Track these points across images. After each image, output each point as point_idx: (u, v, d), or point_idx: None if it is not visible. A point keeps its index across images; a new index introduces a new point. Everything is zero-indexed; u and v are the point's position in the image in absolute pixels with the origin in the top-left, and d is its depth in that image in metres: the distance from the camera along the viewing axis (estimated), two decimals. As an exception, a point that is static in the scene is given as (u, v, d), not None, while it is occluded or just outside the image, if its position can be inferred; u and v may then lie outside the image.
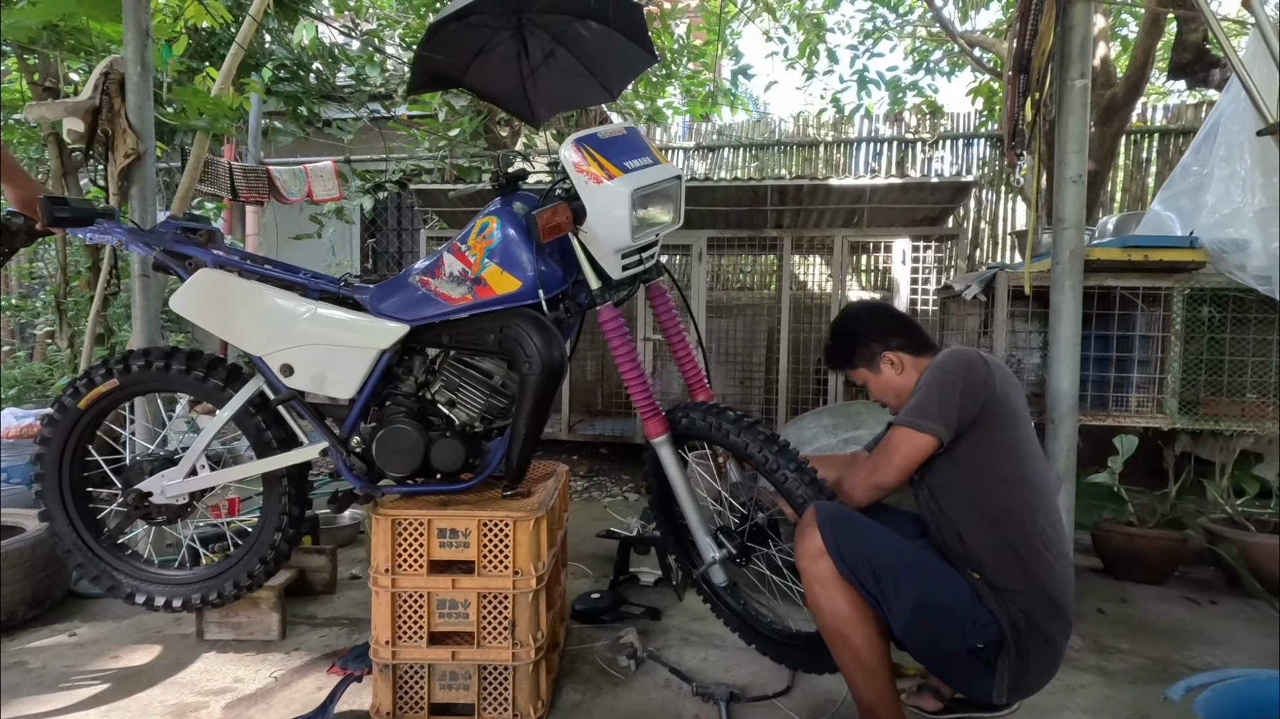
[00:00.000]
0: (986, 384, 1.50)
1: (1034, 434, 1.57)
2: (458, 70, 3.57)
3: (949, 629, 1.45)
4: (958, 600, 1.45)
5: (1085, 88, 2.08)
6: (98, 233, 1.81)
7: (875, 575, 1.43)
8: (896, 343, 1.69)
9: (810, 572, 1.49)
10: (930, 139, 5.71)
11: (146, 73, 2.57)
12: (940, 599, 1.45)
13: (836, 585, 1.46)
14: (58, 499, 1.96)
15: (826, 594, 1.47)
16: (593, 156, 1.65)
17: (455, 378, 1.84)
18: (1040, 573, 1.47)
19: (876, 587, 1.43)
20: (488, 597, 1.64)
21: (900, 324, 1.72)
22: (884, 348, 1.69)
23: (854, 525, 1.50)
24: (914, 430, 1.50)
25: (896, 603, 1.43)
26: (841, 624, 1.47)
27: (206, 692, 1.83)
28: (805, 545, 1.50)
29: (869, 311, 1.79)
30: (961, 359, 1.53)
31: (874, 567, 1.44)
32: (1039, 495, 1.52)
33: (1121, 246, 2.22)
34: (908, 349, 1.68)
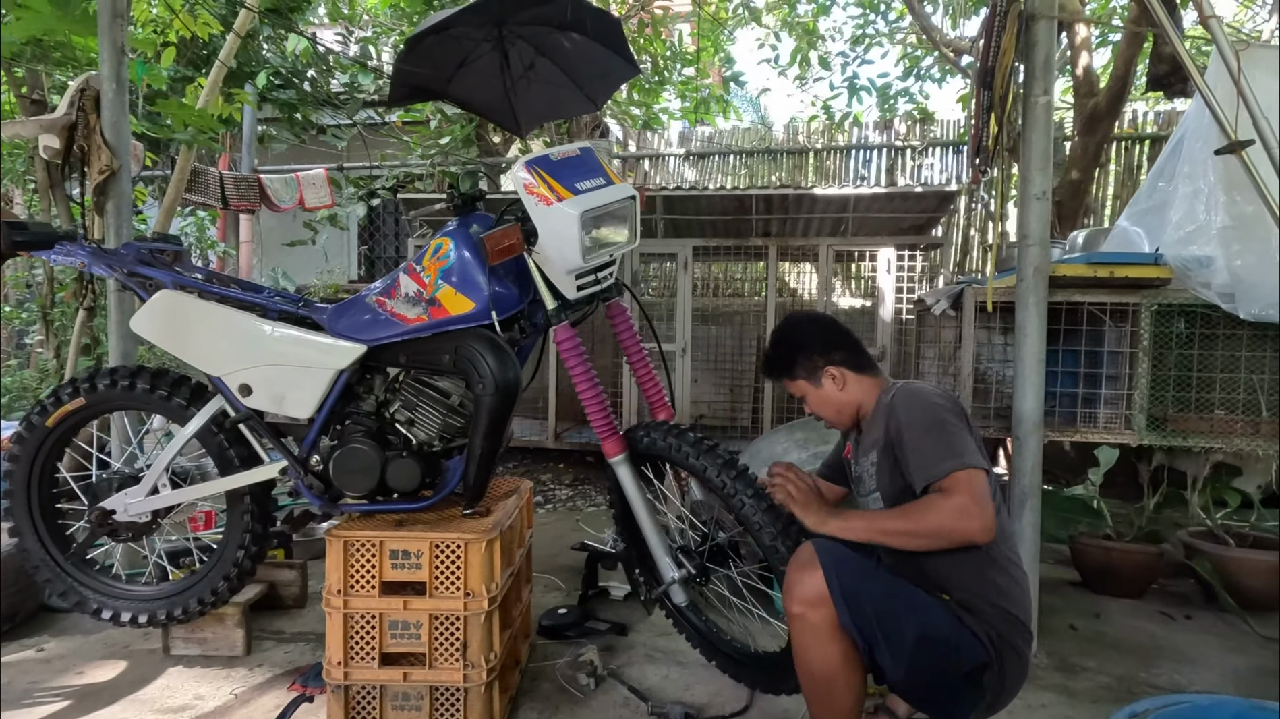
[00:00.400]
0: (969, 420, 1.50)
1: None
2: (440, 82, 3.59)
3: (946, 662, 1.39)
4: (947, 630, 1.40)
5: (1049, 104, 2.07)
6: (60, 254, 1.83)
7: (879, 622, 1.35)
8: (840, 357, 1.65)
9: (807, 618, 1.37)
10: (920, 146, 5.70)
11: (121, 89, 2.59)
12: (935, 634, 1.39)
13: (832, 636, 1.36)
14: (26, 516, 1.98)
15: (819, 644, 1.38)
16: (543, 178, 1.66)
17: (413, 397, 1.84)
18: (1005, 586, 1.46)
19: (875, 634, 1.35)
20: (439, 618, 1.65)
21: (844, 339, 1.69)
22: (827, 361, 1.64)
23: (857, 568, 1.40)
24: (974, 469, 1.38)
25: (898, 648, 1.36)
26: (830, 678, 1.39)
27: (166, 709, 1.84)
28: (802, 588, 1.37)
29: (814, 323, 1.74)
30: (936, 395, 1.51)
31: (879, 613, 1.35)
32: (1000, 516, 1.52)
33: (1087, 263, 2.21)
34: (850, 365, 1.65)
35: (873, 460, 1.58)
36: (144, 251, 1.91)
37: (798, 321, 1.76)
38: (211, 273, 2.04)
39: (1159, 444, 2.28)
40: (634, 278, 4.60)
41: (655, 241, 4.81)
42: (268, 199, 5.33)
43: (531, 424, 4.88)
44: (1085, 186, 4.27)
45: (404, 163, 6.45)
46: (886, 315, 4.32)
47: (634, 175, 6.55)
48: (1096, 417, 2.38)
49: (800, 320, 1.76)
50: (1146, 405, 2.27)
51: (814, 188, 4.40)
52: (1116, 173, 5.36)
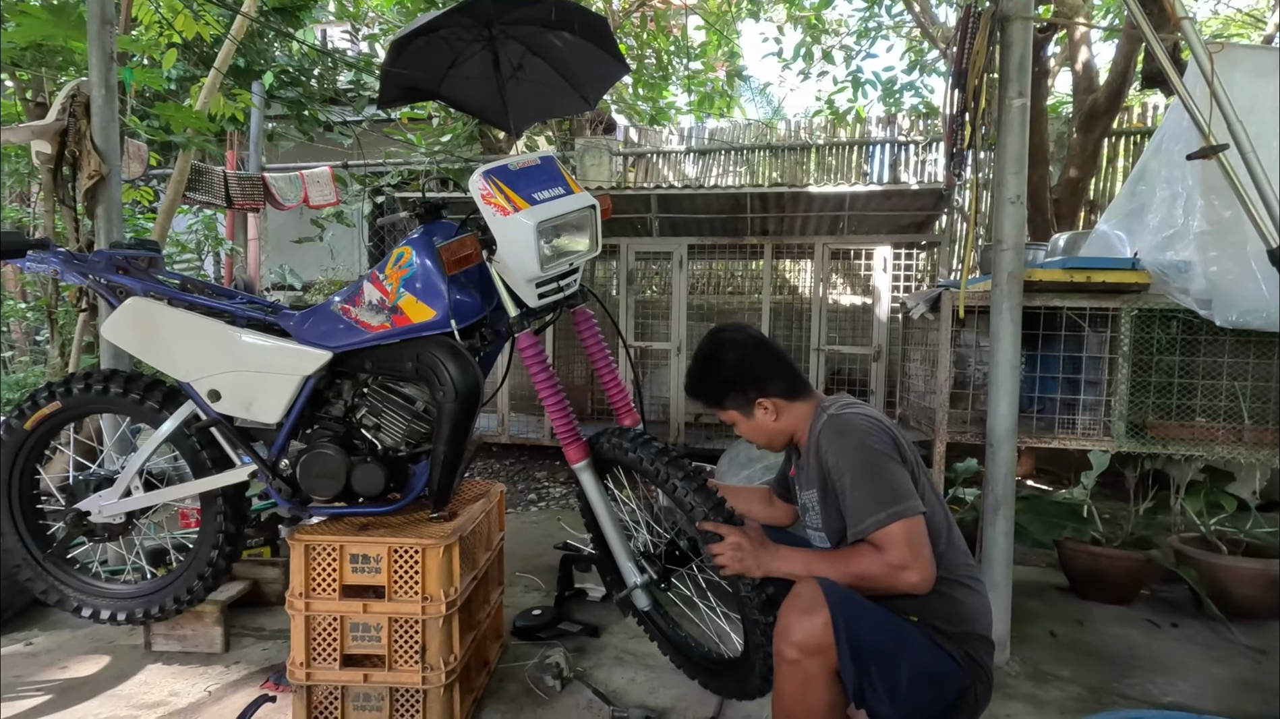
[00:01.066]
0: (899, 444, 1.45)
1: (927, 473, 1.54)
2: (431, 83, 3.62)
3: (933, 693, 1.36)
4: (930, 660, 1.36)
5: (1024, 107, 2.04)
6: (33, 262, 1.87)
7: (876, 663, 1.30)
8: (773, 388, 1.58)
9: (802, 666, 1.31)
10: (924, 141, 5.63)
11: (111, 95, 2.64)
12: (923, 668, 1.35)
13: (825, 684, 1.31)
14: (8, 515, 2.03)
15: (810, 692, 1.32)
16: (499, 188, 1.67)
17: (379, 403, 1.87)
18: (970, 603, 1.44)
19: (871, 677, 1.30)
20: (398, 621, 1.67)
21: (776, 367, 1.60)
22: (760, 394, 1.58)
23: (857, 608, 1.34)
24: (907, 519, 1.34)
25: (892, 690, 1.31)
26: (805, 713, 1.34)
27: (142, 705, 1.89)
28: (803, 633, 1.30)
29: (742, 352, 1.61)
30: (861, 429, 1.44)
31: (877, 655, 1.31)
32: (948, 530, 1.50)
33: (1063, 268, 2.17)
34: (783, 394, 1.58)
35: (813, 499, 1.56)
36: (118, 258, 1.95)
37: (724, 353, 1.62)
38: (185, 279, 2.08)
39: (1138, 451, 2.25)
40: (630, 276, 4.60)
41: (651, 240, 4.81)
42: (272, 197, 5.39)
43: (528, 421, 4.91)
44: (1084, 184, 4.19)
45: (407, 160, 6.50)
46: (883, 314, 4.28)
47: (635, 171, 6.54)
48: (1074, 423, 2.34)
49: (728, 346, 1.62)
50: (1126, 412, 2.23)
51: (810, 186, 4.36)
52: (1125, 168, 5.25)
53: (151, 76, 3.72)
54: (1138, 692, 2.07)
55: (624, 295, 4.59)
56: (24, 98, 3.93)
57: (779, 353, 1.64)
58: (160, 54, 4.12)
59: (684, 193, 4.57)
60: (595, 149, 5.51)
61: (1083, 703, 1.99)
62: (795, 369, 1.64)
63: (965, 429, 2.42)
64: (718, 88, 7.35)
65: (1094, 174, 4.43)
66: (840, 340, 4.54)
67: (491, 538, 2.09)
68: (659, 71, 7.18)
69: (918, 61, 6.46)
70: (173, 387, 1.98)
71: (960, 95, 2.07)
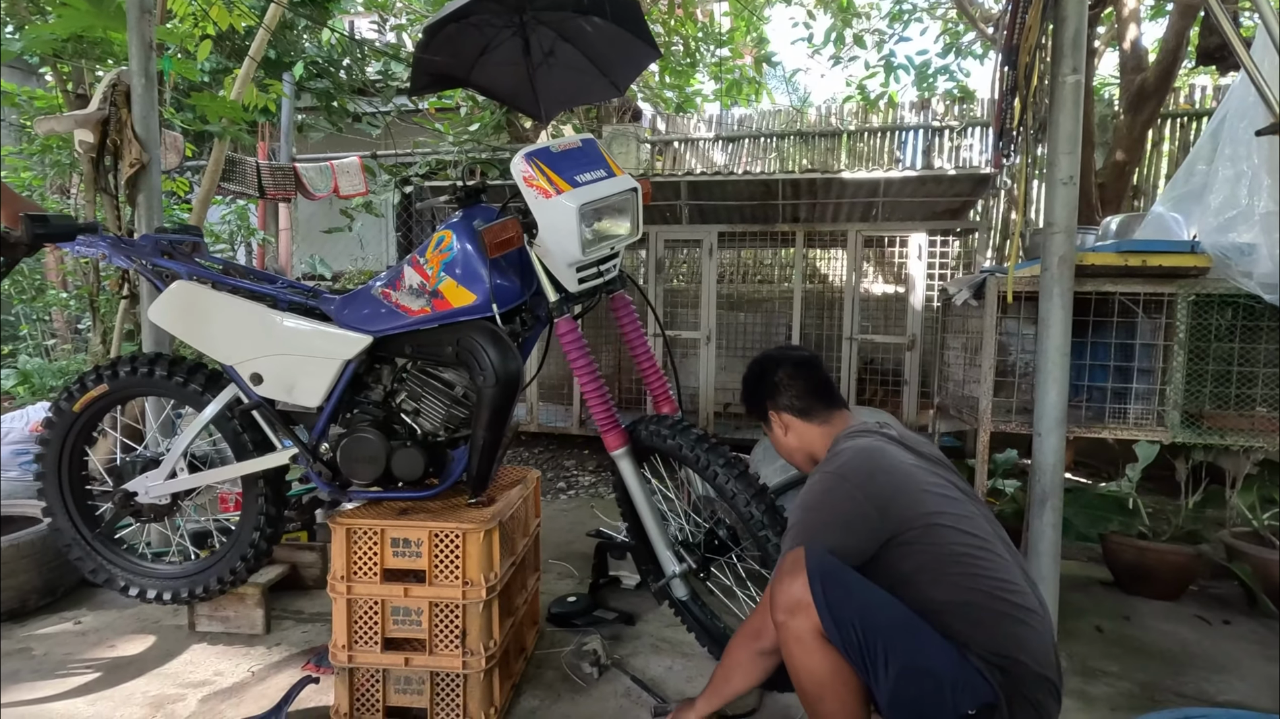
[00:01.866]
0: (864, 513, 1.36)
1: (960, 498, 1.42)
2: (462, 70, 3.60)
3: (938, 695, 1.29)
4: (944, 662, 1.30)
5: (1078, 84, 1.96)
6: (82, 246, 1.90)
7: (863, 637, 1.29)
8: (785, 402, 1.62)
9: (789, 626, 1.33)
10: (959, 126, 5.49)
11: (150, 84, 2.67)
12: (928, 664, 1.30)
13: (817, 644, 1.31)
14: (58, 496, 2.08)
15: (805, 653, 1.33)
16: (542, 170, 1.65)
17: (419, 388, 1.87)
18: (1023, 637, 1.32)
19: (861, 649, 1.29)
20: (439, 606, 1.67)
21: (794, 382, 1.62)
22: (773, 406, 1.64)
23: (845, 577, 1.34)
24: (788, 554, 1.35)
25: (883, 669, 1.29)
26: (819, 688, 1.34)
27: (187, 684, 1.93)
28: (786, 594, 1.33)
29: (772, 365, 1.68)
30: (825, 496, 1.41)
31: (863, 628, 1.29)
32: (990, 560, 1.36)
33: (1117, 251, 2.09)
34: (796, 412, 1.61)
35: None
36: (163, 243, 1.97)
37: (753, 363, 1.74)
38: (227, 263, 2.09)
39: (1193, 442, 2.17)
40: (659, 264, 4.57)
41: (681, 228, 4.76)
42: (303, 188, 5.44)
43: (556, 410, 4.92)
44: (1131, 168, 4.05)
45: (435, 150, 6.51)
46: (917, 303, 4.20)
47: (663, 160, 6.49)
48: (1126, 412, 2.27)
49: (766, 360, 1.72)
50: (1181, 401, 2.15)
51: (843, 171, 4.28)
52: (1171, 152, 5.08)
53: (187, 68, 3.75)
54: (1192, 689, 2.00)
55: (653, 284, 4.56)
56: (65, 89, 4.00)
57: (809, 372, 1.65)
58: (195, 46, 4.16)
59: (714, 179, 4.51)
60: (623, 137, 5.47)
61: (1134, 699, 1.93)
62: (818, 391, 1.63)
63: (1009, 418, 2.36)
64: (745, 74, 7.25)
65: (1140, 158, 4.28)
66: (873, 329, 4.46)
67: (529, 524, 2.08)
68: (686, 58, 7.10)
69: (953, 44, 6.29)
70: (215, 370, 2.00)
71: (1010, 72, 2.00)
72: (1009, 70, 2.01)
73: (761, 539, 1.62)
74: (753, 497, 1.64)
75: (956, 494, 1.42)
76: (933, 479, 1.42)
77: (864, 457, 1.43)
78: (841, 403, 1.66)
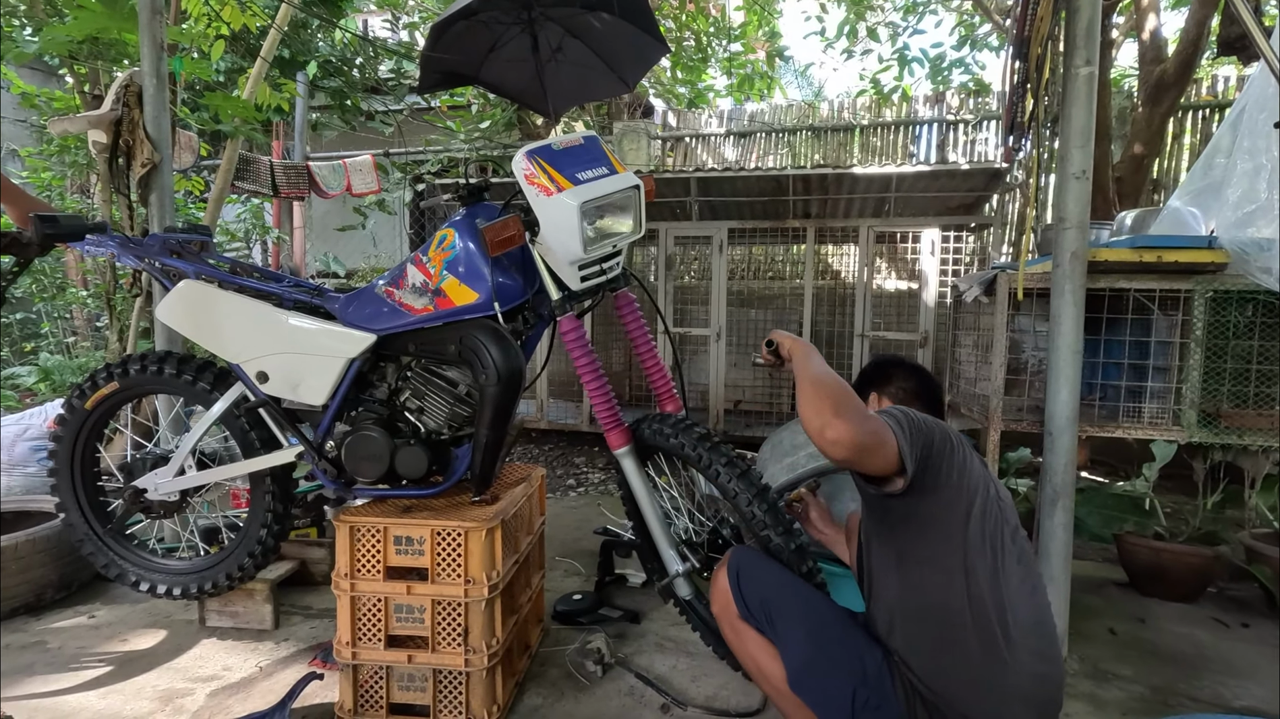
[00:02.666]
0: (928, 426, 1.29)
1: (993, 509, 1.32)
2: (470, 68, 3.61)
3: (837, 688, 1.30)
4: (853, 660, 1.31)
5: (1091, 76, 1.92)
6: (91, 246, 1.92)
7: (769, 617, 1.42)
8: (890, 391, 1.73)
9: (721, 619, 1.52)
10: (974, 120, 5.42)
11: (161, 85, 2.69)
12: (832, 654, 1.32)
13: (740, 626, 1.47)
14: (70, 492, 2.11)
15: (734, 635, 1.49)
16: (543, 168, 1.64)
17: (422, 386, 1.87)
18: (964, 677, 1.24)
19: (769, 623, 1.42)
20: (441, 603, 1.68)
21: (905, 379, 1.74)
22: (875, 389, 1.75)
23: (758, 568, 1.50)
24: (885, 429, 1.23)
25: (786, 646, 1.40)
26: (753, 663, 1.47)
27: (196, 678, 1.95)
28: (716, 589, 1.52)
29: (886, 358, 1.83)
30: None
31: (768, 608, 1.43)
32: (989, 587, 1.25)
33: (1132, 247, 2.05)
34: (895, 399, 1.72)
35: None
36: (171, 242, 1.98)
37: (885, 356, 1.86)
38: (235, 262, 2.11)
39: (1210, 441, 2.12)
40: (669, 261, 4.55)
41: (690, 224, 4.74)
42: (316, 186, 5.49)
43: (566, 407, 4.92)
44: (1149, 161, 3.96)
45: (447, 148, 6.53)
46: (930, 299, 4.15)
47: (674, 156, 6.46)
48: (1141, 411, 2.22)
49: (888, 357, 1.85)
50: (1198, 400, 2.11)
51: (854, 166, 4.23)
52: (1192, 145, 4.97)
53: (200, 68, 3.79)
54: (1207, 694, 1.96)
55: (662, 280, 4.54)
56: (82, 91, 4.05)
57: (922, 378, 1.74)
58: (209, 46, 4.20)
59: (724, 175, 4.48)
60: (633, 133, 5.45)
61: (1146, 704, 1.90)
62: (922, 393, 1.71)
63: (1020, 417, 2.33)
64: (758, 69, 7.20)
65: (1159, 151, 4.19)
66: (885, 326, 4.42)
67: (533, 522, 2.08)
68: (698, 54, 7.06)
69: (968, 37, 6.20)
70: (224, 368, 2.01)
71: (1021, 65, 1.96)
72: (1020, 63, 1.97)
73: (764, 539, 1.60)
74: (754, 496, 1.62)
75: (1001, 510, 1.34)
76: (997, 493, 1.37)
77: None
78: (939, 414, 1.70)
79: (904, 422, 1.26)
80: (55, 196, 5.08)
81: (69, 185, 5.17)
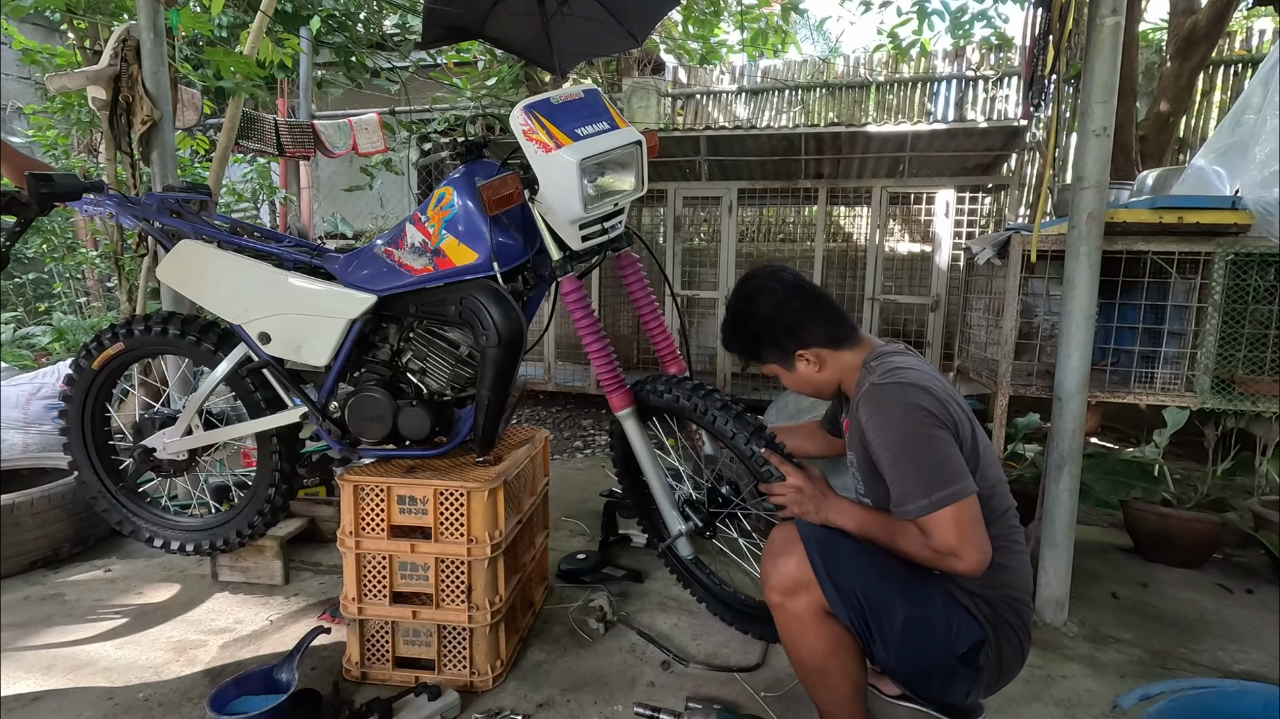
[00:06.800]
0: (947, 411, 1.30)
1: (980, 430, 1.41)
2: (475, 21, 3.51)
3: (936, 643, 1.30)
4: (939, 608, 1.30)
5: (1117, 26, 1.84)
6: (89, 205, 1.91)
7: (866, 604, 1.28)
8: (812, 337, 1.46)
9: (787, 608, 1.32)
10: (994, 76, 5.23)
11: (159, 39, 2.64)
12: (925, 614, 1.30)
13: (817, 621, 1.31)
14: (82, 450, 2.14)
15: (803, 632, 1.33)
16: (541, 123, 1.59)
17: (424, 347, 1.86)
18: (1009, 565, 1.36)
19: (865, 616, 1.29)
20: (445, 562, 1.70)
21: (813, 313, 1.46)
22: (798, 345, 1.47)
23: (841, 548, 1.32)
24: (954, 505, 1.23)
25: (887, 631, 1.29)
26: (823, 667, 1.35)
27: (209, 630, 2.00)
28: (784, 571, 1.32)
29: (775, 300, 1.47)
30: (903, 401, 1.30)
31: (866, 595, 1.28)
32: (997, 493, 1.39)
33: (1151, 208, 1.98)
34: (826, 343, 1.46)
35: (853, 461, 1.49)
36: (169, 201, 1.97)
37: (757, 301, 1.49)
38: (235, 222, 2.09)
39: (1223, 408, 2.08)
40: (677, 222, 4.48)
41: (700, 185, 4.66)
42: (322, 145, 5.42)
43: (573, 370, 4.93)
44: (1176, 119, 3.82)
45: (453, 105, 6.42)
46: (943, 262, 4.08)
47: (684, 113, 6.32)
48: (1153, 377, 2.18)
49: (761, 295, 1.49)
50: (1213, 366, 2.06)
51: (868, 125, 4.12)
52: (1222, 102, 4.79)
53: (200, 22, 3.71)
54: (1206, 658, 1.97)
55: (671, 242, 4.48)
56: (82, 46, 4.00)
57: (817, 297, 1.49)
58: (207, 1, 4.12)
59: (734, 134, 4.38)
60: (643, 90, 5.32)
61: (1144, 667, 1.91)
62: (837, 313, 1.49)
63: (1030, 382, 2.29)
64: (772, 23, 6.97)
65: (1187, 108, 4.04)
66: (896, 290, 4.36)
67: (536, 483, 2.09)
68: (710, 8, 6.84)
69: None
70: (227, 329, 2.01)
71: (1045, 15, 1.87)
72: (1043, 12, 1.88)
73: (764, 474, 1.58)
74: (751, 434, 1.61)
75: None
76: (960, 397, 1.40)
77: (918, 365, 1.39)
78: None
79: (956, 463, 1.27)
80: (60, 155, 5.06)
81: (75, 144, 5.13)
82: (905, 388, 1.31)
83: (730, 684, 1.78)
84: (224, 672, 1.79)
